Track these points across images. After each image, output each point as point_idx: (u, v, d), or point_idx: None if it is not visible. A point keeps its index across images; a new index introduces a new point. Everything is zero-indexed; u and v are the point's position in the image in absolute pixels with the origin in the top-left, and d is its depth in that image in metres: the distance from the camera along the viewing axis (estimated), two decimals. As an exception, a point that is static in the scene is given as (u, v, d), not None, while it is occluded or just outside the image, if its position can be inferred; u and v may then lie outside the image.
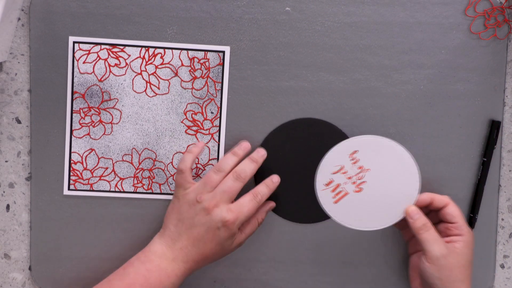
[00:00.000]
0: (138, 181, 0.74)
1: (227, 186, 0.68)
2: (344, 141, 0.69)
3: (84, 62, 0.72)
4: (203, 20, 0.72)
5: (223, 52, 0.72)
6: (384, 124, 0.74)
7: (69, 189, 0.73)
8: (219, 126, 0.73)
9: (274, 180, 0.71)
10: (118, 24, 0.71)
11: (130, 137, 0.73)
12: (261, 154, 0.71)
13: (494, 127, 0.73)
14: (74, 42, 0.71)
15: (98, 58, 0.72)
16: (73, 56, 0.72)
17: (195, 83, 0.73)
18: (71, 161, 0.73)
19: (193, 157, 0.70)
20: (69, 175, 0.73)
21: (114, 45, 0.72)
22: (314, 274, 0.75)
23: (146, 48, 0.72)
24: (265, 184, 0.71)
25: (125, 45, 0.72)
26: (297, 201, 0.74)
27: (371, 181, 0.70)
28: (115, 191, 0.74)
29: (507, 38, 0.73)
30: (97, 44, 0.72)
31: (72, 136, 0.73)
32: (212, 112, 0.73)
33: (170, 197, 0.73)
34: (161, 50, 0.72)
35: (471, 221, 0.74)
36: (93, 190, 0.73)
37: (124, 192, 0.74)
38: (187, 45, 0.72)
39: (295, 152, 0.74)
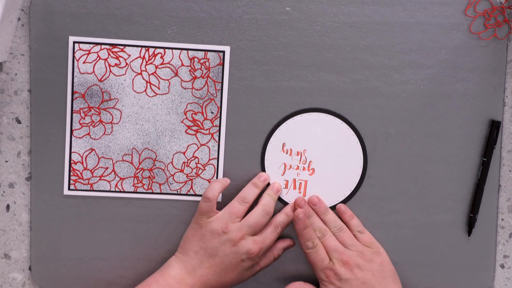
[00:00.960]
0: (138, 181, 0.74)
1: (254, 222, 0.69)
2: (269, 144, 0.72)
3: (84, 62, 0.72)
4: (203, 20, 0.72)
5: (223, 52, 0.72)
6: (384, 124, 0.73)
7: (69, 189, 0.73)
8: (219, 126, 0.73)
9: (297, 209, 0.72)
10: (118, 24, 0.71)
11: (130, 137, 0.73)
12: (276, 187, 0.73)
13: (494, 127, 0.73)
14: (74, 42, 0.71)
15: (98, 58, 0.72)
16: (73, 56, 0.72)
17: (195, 83, 0.73)
18: (71, 161, 0.73)
19: (222, 187, 0.71)
20: (69, 175, 0.73)
21: (114, 45, 0.72)
22: (314, 274, 0.75)
23: (146, 48, 0.72)
24: (284, 212, 0.72)
25: (125, 45, 0.72)
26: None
27: (314, 157, 0.73)
28: (115, 191, 0.74)
29: (507, 38, 0.73)
30: (97, 44, 0.72)
31: (72, 136, 0.73)
32: (212, 112, 0.73)
33: (170, 197, 0.73)
34: (161, 50, 0.72)
35: (471, 221, 0.74)
36: (93, 190, 0.73)
37: (124, 192, 0.74)
38: (187, 45, 0.72)
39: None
